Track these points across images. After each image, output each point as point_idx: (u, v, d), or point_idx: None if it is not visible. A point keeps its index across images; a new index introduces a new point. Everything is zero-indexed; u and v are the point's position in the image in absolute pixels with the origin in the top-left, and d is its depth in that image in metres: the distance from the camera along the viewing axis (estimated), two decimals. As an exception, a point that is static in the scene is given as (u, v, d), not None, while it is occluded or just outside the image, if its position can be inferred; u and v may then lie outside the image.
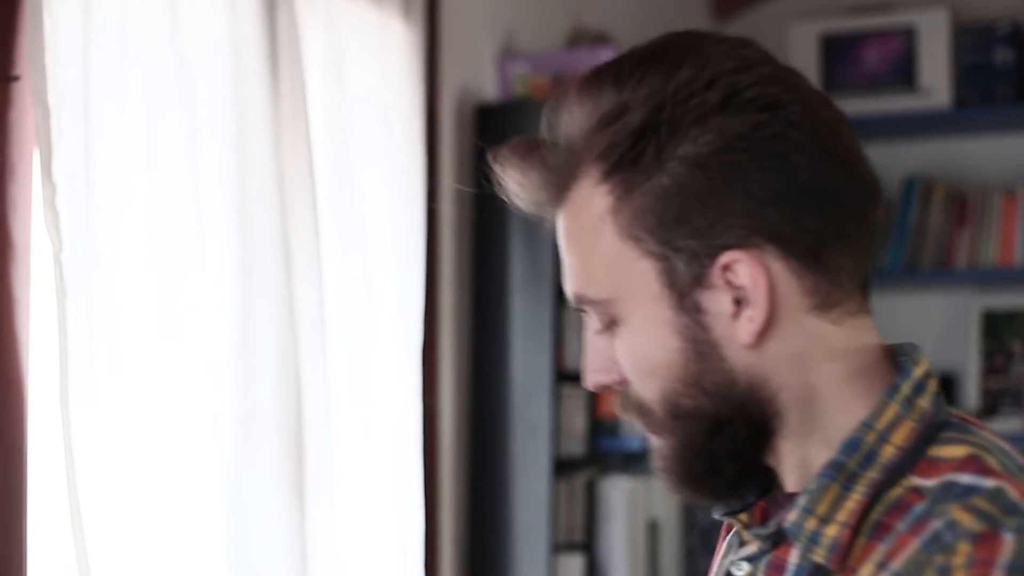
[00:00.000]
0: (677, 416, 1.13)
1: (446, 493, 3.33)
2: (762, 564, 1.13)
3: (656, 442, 1.18)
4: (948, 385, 4.10)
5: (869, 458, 1.09)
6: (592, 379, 1.18)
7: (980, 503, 1.03)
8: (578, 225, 1.14)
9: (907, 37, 4.19)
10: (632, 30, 4.15)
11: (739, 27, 4.66)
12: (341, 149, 2.86)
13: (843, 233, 1.10)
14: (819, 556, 1.08)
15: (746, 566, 1.15)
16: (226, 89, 2.50)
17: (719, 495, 1.18)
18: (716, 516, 1.21)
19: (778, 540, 1.13)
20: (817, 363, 1.12)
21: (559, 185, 1.14)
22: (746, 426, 1.12)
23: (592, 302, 1.15)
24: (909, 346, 1.15)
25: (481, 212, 3.39)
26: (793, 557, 1.11)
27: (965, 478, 1.05)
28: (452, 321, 3.38)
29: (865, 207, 1.12)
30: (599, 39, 3.84)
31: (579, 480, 3.52)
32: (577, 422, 3.49)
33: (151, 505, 2.29)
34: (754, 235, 1.08)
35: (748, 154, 1.08)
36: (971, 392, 4.09)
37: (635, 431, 3.63)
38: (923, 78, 4.12)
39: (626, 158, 1.10)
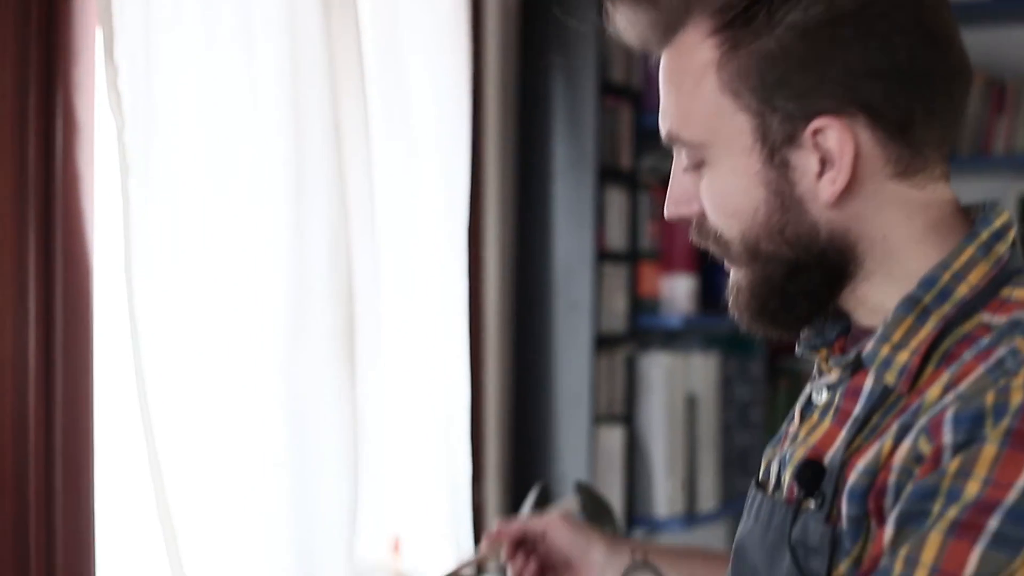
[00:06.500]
0: (756, 256, 1.23)
1: (491, 365, 3.44)
2: (840, 389, 1.24)
3: (733, 274, 1.26)
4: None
5: (943, 294, 1.19)
6: (672, 210, 1.27)
7: None
8: (680, 69, 1.22)
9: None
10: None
11: None
12: (389, 33, 2.93)
13: (931, 110, 1.19)
14: (890, 377, 1.18)
15: (827, 392, 1.26)
16: (278, -25, 2.57)
17: (790, 330, 1.29)
18: (798, 352, 1.32)
19: (856, 368, 1.23)
20: (896, 219, 1.21)
21: (668, 28, 1.22)
22: (823, 271, 1.23)
23: (685, 143, 1.23)
24: (990, 202, 1.26)
25: (525, 95, 3.46)
26: (868, 382, 1.21)
27: None
28: (497, 202, 3.46)
29: (955, 88, 1.21)
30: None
31: (619, 355, 3.61)
32: (617, 300, 3.58)
33: (210, 367, 2.41)
34: (848, 105, 1.18)
35: (853, 29, 1.17)
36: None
37: (675, 310, 3.72)
38: (966, -36, 4.13)
39: (739, 18, 1.19)
